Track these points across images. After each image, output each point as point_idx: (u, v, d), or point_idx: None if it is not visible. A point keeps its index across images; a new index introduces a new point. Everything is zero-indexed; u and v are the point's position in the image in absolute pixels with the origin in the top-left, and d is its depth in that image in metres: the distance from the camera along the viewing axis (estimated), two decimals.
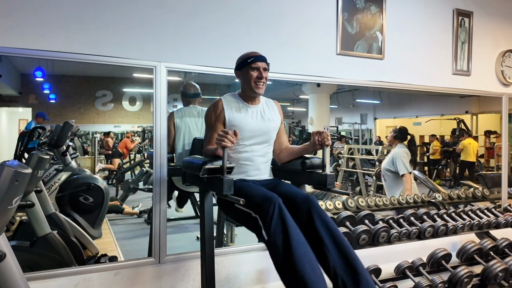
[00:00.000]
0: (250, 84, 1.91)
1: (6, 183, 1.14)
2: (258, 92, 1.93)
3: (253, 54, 1.93)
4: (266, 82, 1.93)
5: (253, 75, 1.89)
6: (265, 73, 1.92)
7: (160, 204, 2.29)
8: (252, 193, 1.69)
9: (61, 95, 9.25)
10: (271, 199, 1.59)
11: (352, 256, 1.61)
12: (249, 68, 1.90)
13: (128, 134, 9.36)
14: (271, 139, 2.03)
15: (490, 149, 9.43)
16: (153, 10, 2.27)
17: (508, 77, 3.65)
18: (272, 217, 1.55)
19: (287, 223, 1.55)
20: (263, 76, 1.90)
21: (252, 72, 1.90)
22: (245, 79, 1.93)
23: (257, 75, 1.89)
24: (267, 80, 1.94)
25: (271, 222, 1.55)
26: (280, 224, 1.54)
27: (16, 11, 1.99)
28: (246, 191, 1.71)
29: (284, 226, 1.54)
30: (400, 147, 3.69)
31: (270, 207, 1.56)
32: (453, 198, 3.56)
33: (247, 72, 1.90)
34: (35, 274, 2.03)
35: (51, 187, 3.48)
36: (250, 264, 2.51)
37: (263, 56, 1.93)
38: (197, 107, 2.99)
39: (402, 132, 3.75)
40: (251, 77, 1.90)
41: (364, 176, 6.25)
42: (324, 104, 8.07)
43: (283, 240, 1.52)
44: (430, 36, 3.26)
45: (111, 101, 9.98)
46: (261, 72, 1.90)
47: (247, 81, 1.92)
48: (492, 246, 2.71)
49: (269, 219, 1.55)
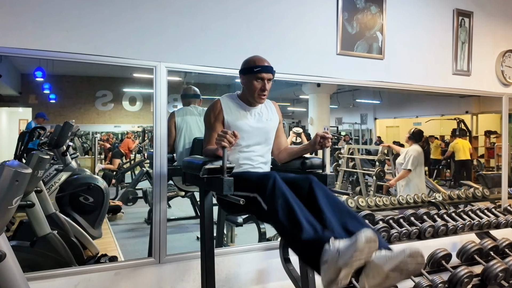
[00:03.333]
0: (253, 94, 1.92)
1: (6, 183, 1.14)
2: (260, 103, 1.96)
3: (260, 63, 1.90)
4: (268, 93, 1.94)
5: (257, 87, 1.89)
6: (269, 84, 1.92)
7: (160, 204, 2.29)
8: (250, 176, 1.72)
9: (61, 95, 9.24)
10: (268, 175, 1.61)
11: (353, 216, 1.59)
12: (254, 77, 1.89)
13: (129, 134, 9.34)
14: (270, 139, 2.03)
15: (490, 149, 9.41)
16: (153, 10, 2.27)
17: (508, 77, 3.65)
18: (269, 188, 1.55)
19: (284, 191, 1.54)
20: (266, 89, 1.90)
21: (256, 83, 1.89)
22: (249, 87, 1.93)
23: (260, 87, 1.89)
24: (269, 90, 1.93)
25: (269, 192, 1.55)
26: (277, 192, 1.54)
27: (16, 11, 1.99)
28: (244, 176, 1.73)
29: (282, 193, 1.53)
30: (414, 146, 4.18)
31: (268, 181, 1.57)
32: (453, 198, 3.56)
33: (251, 81, 1.90)
34: (35, 274, 2.03)
35: (51, 187, 3.48)
36: (250, 264, 2.51)
37: (270, 66, 1.91)
38: (198, 107, 3.00)
39: (416, 134, 4.25)
40: (255, 88, 1.90)
41: (364, 176, 6.24)
42: (324, 104, 8.07)
43: (282, 205, 1.51)
44: (430, 36, 3.26)
45: (111, 101, 9.97)
46: (265, 84, 1.89)
47: (251, 90, 1.92)
48: (492, 246, 2.71)
49: (267, 191, 1.55)
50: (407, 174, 4.08)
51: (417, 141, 4.21)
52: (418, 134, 4.25)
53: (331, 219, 1.52)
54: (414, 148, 4.14)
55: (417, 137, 4.22)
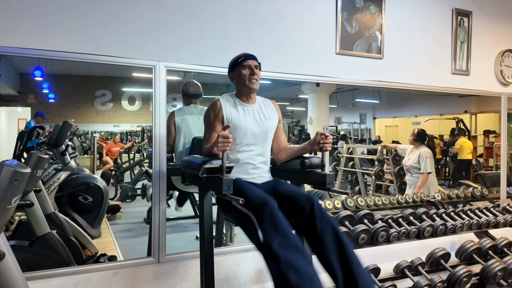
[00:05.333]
0: (245, 82, 1.95)
1: (5, 183, 1.14)
2: (253, 88, 1.97)
3: (243, 54, 1.98)
4: (259, 79, 1.97)
5: (246, 74, 1.95)
6: (257, 71, 1.96)
7: (159, 203, 2.29)
8: (250, 194, 1.68)
9: (60, 95, 9.24)
10: (267, 203, 1.59)
11: (352, 258, 1.62)
12: (241, 67, 1.95)
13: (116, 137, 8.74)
14: (269, 138, 2.04)
15: (489, 148, 9.43)
16: (153, 9, 2.27)
17: (507, 76, 3.65)
18: (267, 220, 1.55)
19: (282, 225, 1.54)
20: (255, 73, 1.95)
21: (244, 70, 1.95)
22: (239, 78, 1.97)
23: (249, 72, 1.95)
24: (259, 77, 1.97)
25: (266, 225, 1.55)
26: (274, 228, 1.53)
27: (16, 11, 1.98)
28: (244, 191, 1.70)
29: (278, 229, 1.53)
30: (424, 148, 4.18)
31: (265, 211, 1.56)
32: (452, 198, 3.57)
33: (240, 71, 1.95)
34: (35, 274, 2.03)
35: (50, 187, 3.48)
36: (249, 264, 2.51)
37: (253, 54, 1.98)
38: (198, 107, 2.98)
39: (421, 135, 4.23)
40: (244, 76, 1.94)
41: (363, 176, 6.25)
42: (324, 104, 8.07)
43: (278, 243, 1.50)
44: (429, 36, 3.27)
45: (110, 100, 9.97)
46: (253, 69, 1.95)
47: (241, 80, 1.96)
48: (491, 245, 2.72)
49: (265, 223, 1.55)
50: (427, 177, 4.08)
51: (423, 141, 4.23)
52: (423, 134, 4.25)
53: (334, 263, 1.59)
54: (427, 150, 4.16)
55: (422, 137, 4.23)
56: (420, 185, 4.07)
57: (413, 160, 4.23)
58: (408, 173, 4.36)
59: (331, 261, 1.61)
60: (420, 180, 4.09)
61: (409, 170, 4.32)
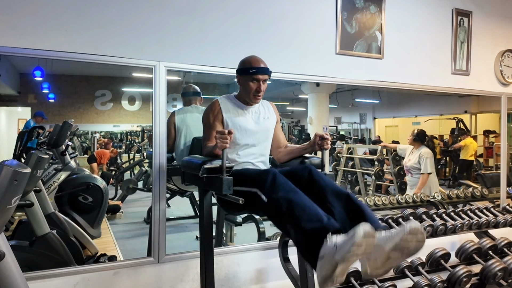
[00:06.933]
0: (249, 94, 1.95)
1: (5, 183, 1.14)
2: (255, 103, 2.00)
3: (256, 64, 1.92)
4: (263, 94, 1.98)
5: (253, 88, 1.92)
6: (264, 85, 1.95)
7: (159, 203, 2.29)
8: (249, 172, 1.75)
9: (60, 95, 9.22)
10: (268, 170, 1.65)
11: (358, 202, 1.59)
12: (250, 78, 1.91)
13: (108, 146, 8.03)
14: (268, 138, 2.05)
15: (489, 148, 9.43)
16: (153, 9, 2.27)
17: (507, 76, 3.65)
18: (269, 181, 1.56)
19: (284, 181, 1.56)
20: (261, 90, 1.93)
21: (252, 84, 1.92)
22: (245, 88, 1.96)
23: (256, 88, 1.92)
24: (264, 91, 1.97)
25: (269, 184, 1.56)
26: (277, 183, 1.55)
27: (16, 10, 1.99)
28: (243, 173, 1.76)
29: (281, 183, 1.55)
30: (424, 148, 4.20)
31: (267, 175, 1.59)
32: (452, 198, 3.57)
33: (247, 82, 1.93)
34: (34, 274, 2.02)
35: (50, 187, 3.48)
36: (249, 264, 2.51)
37: (266, 68, 1.93)
38: (199, 107, 2.99)
39: (420, 135, 4.25)
40: (251, 89, 1.93)
41: (363, 176, 6.25)
42: (324, 104, 8.06)
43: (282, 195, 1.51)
44: (429, 36, 3.27)
45: (110, 100, 9.96)
46: (260, 85, 1.92)
47: (246, 91, 1.95)
48: (491, 245, 2.72)
49: (267, 184, 1.56)
50: (428, 177, 4.10)
51: (422, 142, 4.25)
52: (423, 135, 4.27)
53: (335, 205, 1.54)
54: (427, 151, 4.18)
55: (422, 138, 4.25)
56: (420, 186, 4.08)
57: (413, 161, 4.25)
58: (409, 174, 4.38)
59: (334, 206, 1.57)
60: (420, 180, 4.10)
61: (409, 170, 4.33)
